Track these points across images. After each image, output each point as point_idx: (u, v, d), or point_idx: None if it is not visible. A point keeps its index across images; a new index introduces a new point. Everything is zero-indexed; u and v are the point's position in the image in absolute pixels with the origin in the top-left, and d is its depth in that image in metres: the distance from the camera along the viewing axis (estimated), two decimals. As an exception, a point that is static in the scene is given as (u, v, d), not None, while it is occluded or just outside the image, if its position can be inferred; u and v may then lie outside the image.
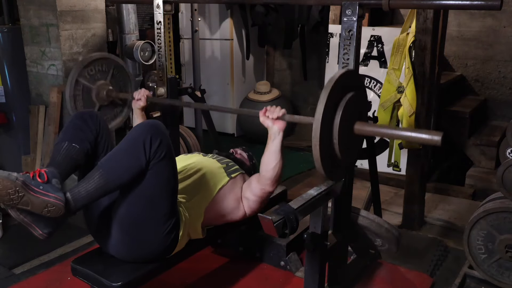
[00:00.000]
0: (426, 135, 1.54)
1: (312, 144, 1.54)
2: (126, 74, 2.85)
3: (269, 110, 1.97)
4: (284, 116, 1.95)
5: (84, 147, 1.89)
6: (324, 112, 1.53)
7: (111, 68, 2.74)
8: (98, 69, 2.68)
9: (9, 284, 2.45)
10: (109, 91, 2.68)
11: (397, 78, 2.72)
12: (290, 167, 4.14)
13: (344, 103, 1.62)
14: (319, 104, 1.54)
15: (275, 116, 1.94)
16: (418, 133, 1.58)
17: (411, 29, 2.69)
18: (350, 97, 1.64)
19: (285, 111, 1.97)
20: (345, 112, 1.61)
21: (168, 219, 1.85)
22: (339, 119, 1.60)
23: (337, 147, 1.62)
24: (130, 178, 1.73)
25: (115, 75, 2.78)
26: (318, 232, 1.86)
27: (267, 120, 1.96)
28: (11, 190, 1.56)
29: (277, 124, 1.95)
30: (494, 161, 3.64)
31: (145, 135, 1.73)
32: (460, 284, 2.41)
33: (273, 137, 1.97)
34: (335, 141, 1.61)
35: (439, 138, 1.50)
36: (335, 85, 1.57)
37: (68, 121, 1.98)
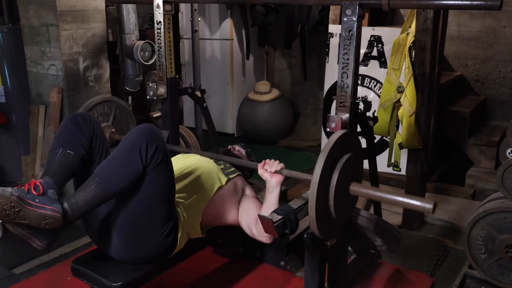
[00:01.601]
0: (418, 202, 1.56)
1: (309, 206, 1.57)
2: (128, 114, 2.89)
3: (268, 163, 2.01)
4: (282, 170, 2.00)
5: (79, 153, 1.86)
6: (321, 173, 1.55)
7: (113, 110, 2.77)
8: (100, 112, 2.71)
9: (9, 284, 2.45)
10: (112, 133, 2.71)
11: (397, 78, 2.72)
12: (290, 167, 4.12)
13: (341, 165, 1.64)
14: (317, 165, 1.57)
15: (273, 170, 1.98)
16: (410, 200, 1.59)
17: (411, 29, 2.69)
18: (347, 158, 1.66)
19: (283, 165, 2.02)
20: (341, 174, 1.64)
21: (167, 222, 1.85)
22: (336, 181, 1.62)
23: (333, 208, 1.64)
24: (128, 185, 1.72)
25: (117, 117, 2.80)
26: (318, 232, 1.86)
27: (265, 173, 2.01)
28: (6, 206, 1.55)
29: (275, 177, 2.00)
30: (494, 161, 3.64)
31: (141, 141, 1.72)
32: (460, 284, 2.41)
33: (271, 189, 2.00)
34: (331, 202, 1.64)
35: (430, 207, 1.51)
36: (333, 147, 1.60)
37: (62, 125, 1.95)
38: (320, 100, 4.66)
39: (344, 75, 1.85)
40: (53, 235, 1.68)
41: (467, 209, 3.20)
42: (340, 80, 1.86)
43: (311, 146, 4.73)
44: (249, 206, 2.19)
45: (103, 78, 3.39)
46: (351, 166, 1.69)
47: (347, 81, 1.84)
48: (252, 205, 2.19)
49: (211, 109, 3.49)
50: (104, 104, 2.73)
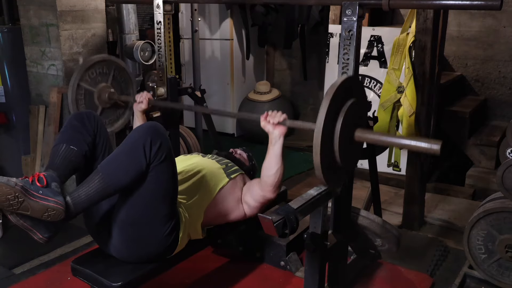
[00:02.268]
0: (425, 144, 1.55)
1: (313, 152, 1.54)
2: (127, 75, 2.85)
3: (270, 115, 1.96)
4: (285, 121, 1.95)
5: (82, 149, 1.88)
6: (325, 119, 1.53)
7: (112, 70, 2.74)
8: (99, 71, 2.68)
9: (9, 284, 2.45)
10: (111, 93, 2.68)
11: (397, 78, 2.72)
12: (290, 167, 4.14)
13: (345, 110, 1.61)
14: (320, 111, 1.53)
15: (276, 121, 1.94)
16: (417, 142, 1.58)
17: (411, 29, 2.69)
18: (351, 103, 1.64)
19: (286, 116, 1.96)
20: (346, 119, 1.61)
21: (168, 220, 1.85)
22: (340, 127, 1.60)
23: (338, 154, 1.62)
24: (130, 181, 1.72)
25: (116, 77, 2.77)
26: (318, 232, 1.86)
27: (268, 124, 1.96)
28: (10, 196, 1.55)
29: (278, 128, 1.94)
30: (494, 161, 3.64)
31: (145, 138, 1.72)
32: (460, 284, 2.41)
33: (273, 141, 1.96)
34: (336, 148, 1.61)
35: (438, 147, 1.50)
36: (336, 92, 1.57)
37: (66, 122, 1.96)
38: (320, 100, 4.64)
39: (344, 75, 1.85)
40: (54, 229, 1.68)
41: (467, 209, 3.20)
42: (340, 80, 1.85)
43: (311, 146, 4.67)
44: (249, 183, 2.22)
45: (103, 78, 3.39)
46: (355, 111, 1.65)
47: (347, 81, 1.84)
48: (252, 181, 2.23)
49: (211, 109, 3.48)
50: (102, 64, 2.69)
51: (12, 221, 1.63)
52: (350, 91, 1.66)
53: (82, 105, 2.64)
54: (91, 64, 2.63)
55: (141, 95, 2.51)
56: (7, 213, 1.61)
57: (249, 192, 2.19)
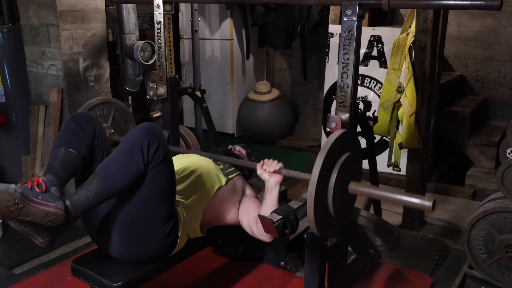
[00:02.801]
0: (417, 200, 1.56)
1: (307, 205, 1.56)
2: (127, 115, 2.90)
3: (266, 163, 2.00)
4: (281, 170, 1.98)
5: (81, 152, 1.87)
6: (320, 173, 1.54)
7: (112, 111, 2.78)
8: (99, 113, 2.72)
9: (9, 284, 2.45)
10: (111, 134, 2.72)
11: (397, 78, 2.72)
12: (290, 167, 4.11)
13: (339, 164, 1.64)
14: (316, 165, 1.55)
15: (272, 170, 1.97)
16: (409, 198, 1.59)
17: (411, 29, 2.69)
18: (346, 158, 1.66)
19: (282, 165, 2.00)
20: (340, 173, 1.63)
21: (167, 221, 1.85)
22: (335, 180, 1.62)
23: (332, 208, 1.63)
24: (129, 183, 1.72)
25: (116, 117, 2.82)
26: (318, 232, 1.86)
27: (264, 173, 1.99)
28: (9, 203, 1.55)
29: (274, 177, 1.98)
30: (494, 161, 3.64)
31: (143, 140, 1.72)
32: (460, 284, 2.41)
33: (270, 190, 1.99)
34: (330, 202, 1.63)
35: (430, 204, 1.51)
36: (332, 147, 1.59)
37: (63, 124, 1.96)
38: (320, 100, 4.66)
39: (344, 75, 1.85)
40: (55, 232, 1.68)
41: (467, 209, 3.20)
42: (340, 80, 1.86)
43: (311, 146, 4.73)
44: (249, 205, 2.19)
45: (103, 78, 3.39)
46: (350, 165, 1.68)
47: (347, 81, 1.84)
48: (252, 204, 2.19)
49: (211, 109, 3.49)
50: (103, 105, 2.74)
51: (13, 227, 1.64)
52: (346, 145, 1.69)
53: None
54: (91, 106, 2.68)
55: None
56: (7, 219, 1.61)
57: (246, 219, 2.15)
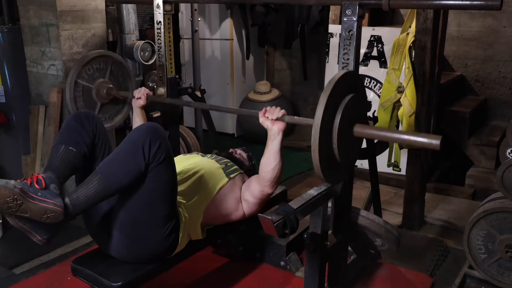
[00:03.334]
0: (424, 139, 1.54)
1: (312, 148, 1.53)
2: (125, 70, 2.85)
3: (269, 110, 1.97)
4: (284, 117, 1.95)
5: (81, 150, 1.87)
6: (323, 115, 1.52)
7: (109, 65, 2.74)
8: (96, 67, 2.68)
9: (9, 284, 2.45)
10: (109, 89, 2.69)
11: (397, 78, 2.72)
12: (290, 167, 4.14)
13: (343, 105, 1.60)
14: (319, 106, 1.52)
15: (274, 117, 1.94)
16: (417, 137, 1.57)
17: (411, 29, 2.69)
18: (350, 99, 1.63)
19: (285, 111, 1.97)
20: (344, 115, 1.60)
21: (168, 221, 1.85)
22: (339, 122, 1.59)
23: (337, 150, 1.61)
24: (129, 182, 1.72)
25: (113, 72, 2.78)
26: (318, 232, 1.86)
27: (266, 121, 1.96)
28: (9, 198, 1.55)
29: (277, 124, 1.95)
30: (494, 161, 3.64)
31: (144, 139, 1.72)
32: (460, 284, 2.41)
33: (272, 137, 1.97)
34: (335, 145, 1.60)
35: (437, 142, 1.49)
36: (334, 87, 1.56)
37: (64, 122, 1.96)
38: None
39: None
40: (53, 230, 1.68)
41: (467, 209, 3.20)
42: (340, 80, 1.85)
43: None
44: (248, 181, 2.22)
45: (103, 78, 3.39)
46: (354, 107, 1.65)
47: (347, 81, 1.84)
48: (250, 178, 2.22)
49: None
50: (99, 59, 2.69)
51: (11, 223, 1.63)
52: (349, 86, 1.66)
53: (81, 102, 2.64)
54: (87, 60, 2.63)
55: (139, 91, 2.53)
56: (6, 215, 1.61)
57: (247, 189, 2.19)
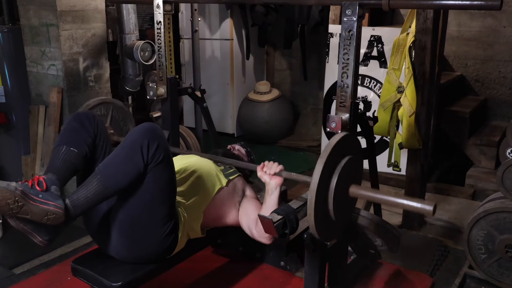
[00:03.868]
0: (418, 204, 1.56)
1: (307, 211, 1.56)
2: (126, 114, 2.91)
3: (267, 165, 2.01)
4: (281, 172, 1.98)
5: (82, 151, 1.87)
6: (320, 179, 1.54)
7: (110, 111, 2.79)
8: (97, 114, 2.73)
9: (9, 284, 2.45)
10: (110, 135, 2.73)
11: (397, 78, 2.72)
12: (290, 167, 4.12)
13: (340, 168, 1.63)
14: (316, 170, 1.56)
15: (272, 172, 1.97)
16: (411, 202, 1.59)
17: (411, 29, 2.69)
18: (346, 162, 1.66)
19: (283, 167, 2.00)
20: (340, 177, 1.63)
21: (167, 221, 1.85)
22: (335, 185, 1.62)
23: (332, 212, 1.64)
24: (129, 183, 1.72)
25: (114, 117, 2.83)
26: (318, 232, 1.86)
27: (264, 175, 2.00)
28: (10, 200, 1.56)
29: (275, 179, 1.98)
30: (494, 161, 3.64)
31: (142, 139, 1.72)
32: (460, 284, 2.41)
33: (270, 192, 1.99)
34: (330, 206, 1.63)
35: (431, 208, 1.51)
36: (331, 151, 1.59)
37: (65, 123, 1.96)
38: (320, 100, 4.66)
39: (344, 75, 1.85)
40: (54, 231, 1.68)
41: (467, 209, 3.20)
42: (340, 80, 1.86)
43: (311, 146, 4.73)
44: (249, 206, 2.19)
45: (103, 78, 3.39)
46: (350, 168, 1.68)
47: (347, 81, 1.84)
48: (252, 205, 2.19)
49: (211, 109, 3.48)
50: (101, 106, 2.75)
51: (12, 224, 1.64)
52: (346, 149, 1.69)
53: None
54: (89, 108, 2.69)
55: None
56: (7, 216, 1.61)
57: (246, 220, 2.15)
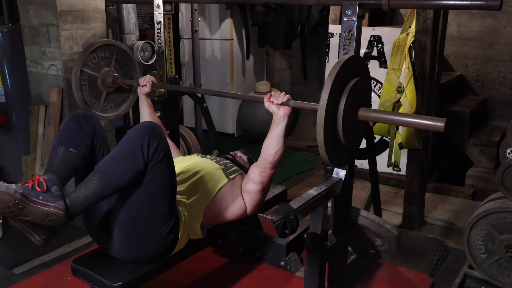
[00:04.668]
0: (429, 122, 1.55)
1: (317, 131, 1.54)
2: (129, 58, 2.88)
3: (274, 95, 1.97)
4: (289, 102, 1.94)
5: (81, 151, 1.87)
6: (328, 98, 1.52)
7: (114, 53, 2.77)
8: (101, 56, 2.71)
9: (9, 284, 2.45)
10: (115, 77, 2.72)
11: (397, 78, 2.72)
12: (290, 167, 4.14)
13: (348, 89, 1.61)
14: (324, 90, 1.53)
15: (279, 102, 1.95)
16: (421, 120, 1.58)
17: (411, 29, 2.69)
18: (355, 83, 1.63)
19: (290, 96, 1.96)
20: (349, 98, 1.61)
21: (168, 219, 1.85)
22: (344, 106, 1.59)
23: (342, 133, 1.62)
24: (128, 181, 1.72)
25: (118, 61, 2.81)
26: (318, 232, 1.86)
27: (272, 105, 1.97)
28: (10, 203, 1.55)
29: (283, 109, 1.95)
30: (494, 161, 3.64)
31: (143, 138, 1.72)
32: (460, 284, 2.41)
33: (277, 121, 1.97)
34: (340, 127, 1.60)
35: (442, 124, 1.50)
36: (340, 71, 1.57)
37: (63, 124, 1.95)
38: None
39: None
40: (52, 231, 1.68)
41: (467, 209, 3.20)
42: (340, 80, 1.85)
43: (311, 146, 4.73)
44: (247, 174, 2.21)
45: (103, 78, 3.39)
46: (359, 90, 1.65)
47: (347, 81, 1.84)
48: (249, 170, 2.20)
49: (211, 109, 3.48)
50: (104, 48, 2.73)
51: (11, 223, 1.64)
52: (354, 70, 1.66)
53: (87, 90, 2.69)
54: (93, 49, 2.66)
55: (144, 78, 2.55)
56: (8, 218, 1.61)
57: (248, 180, 2.17)
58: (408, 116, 1.61)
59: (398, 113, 1.86)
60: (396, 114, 1.63)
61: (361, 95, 1.69)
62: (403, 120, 1.63)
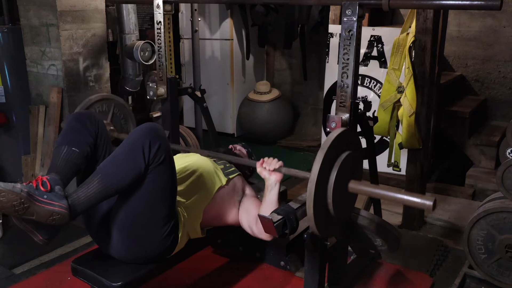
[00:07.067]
0: (418, 200, 1.55)
1: (307, 204, 1.56)
2: (127, 112, 2.91)
3: (266, 161, 2.00)
4: (281, 168, 1.98)
5: (84, 151, 1.87)
6: (319, 170, 1.54)
7: (112, 107, 2.79)
8: (98, 110, 2.74)
9: (9, 284, 2.45)
10: (111, 131, 2.76)
11: (397, 78, 2.72)
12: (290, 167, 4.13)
13: (339, 163, 1.63)
14: (315, 163, 1.56)
15: (271, 168, 1.97)
16: (410, 197, 1.59)
17: (411, 29, 2.69)
18: (346, 156, 1.66)
19: (282, 163, 2.00)
20: (340, 171, 1.63)
21: (168, 221, 1.85)
22: (334, 179, 1.62)
23: (331, 206, 1.64)
24: (130, 182, 1.72)
25: (115, 114, 2.84)
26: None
27: (264, 171, 2.00)
28: (15, 202, 1.56)
29: (274, 175, 1.98)
30: (494, 161, 3.64)
31: (144, 140, 1.72)
32: (460, 284, 2.41)
33: (270, 188, 1.99)
34: (329, 200, 1.62)
35: (430, 203, 1.50)
36: (331, 145, 1.59)
37: (66, 123, 1.96)
38: (320, 100, 4.66)
39: (344, 75, 1.85)
40: (54, 231, 1.69)
41: (467, 209, 3.20)
42: (340, 80, 1.86)
43: (311, 146, 4.73)
44: (249, 205, 2.19)
45: (103, 78, 3.39)
46: (350, 163, 1.68)
47: (347, 81, 1.84)
48: (252, 204, 2.19)
49: (211, 109, 3.49)
50: (102, 102, 2.76)
51: (15, 222, 1.64)
52: (346, 144, 1.69)
53: None
54: (91, 103, 2.69)
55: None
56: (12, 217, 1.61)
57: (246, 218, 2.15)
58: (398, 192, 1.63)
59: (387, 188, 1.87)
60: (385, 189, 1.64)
61: (352, 168, 1.71)
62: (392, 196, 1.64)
